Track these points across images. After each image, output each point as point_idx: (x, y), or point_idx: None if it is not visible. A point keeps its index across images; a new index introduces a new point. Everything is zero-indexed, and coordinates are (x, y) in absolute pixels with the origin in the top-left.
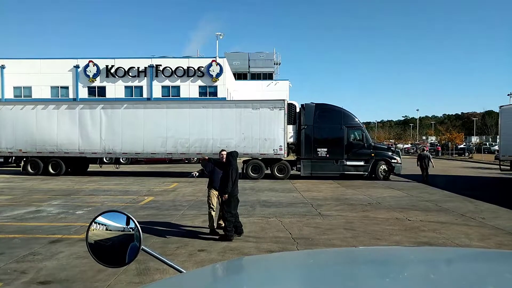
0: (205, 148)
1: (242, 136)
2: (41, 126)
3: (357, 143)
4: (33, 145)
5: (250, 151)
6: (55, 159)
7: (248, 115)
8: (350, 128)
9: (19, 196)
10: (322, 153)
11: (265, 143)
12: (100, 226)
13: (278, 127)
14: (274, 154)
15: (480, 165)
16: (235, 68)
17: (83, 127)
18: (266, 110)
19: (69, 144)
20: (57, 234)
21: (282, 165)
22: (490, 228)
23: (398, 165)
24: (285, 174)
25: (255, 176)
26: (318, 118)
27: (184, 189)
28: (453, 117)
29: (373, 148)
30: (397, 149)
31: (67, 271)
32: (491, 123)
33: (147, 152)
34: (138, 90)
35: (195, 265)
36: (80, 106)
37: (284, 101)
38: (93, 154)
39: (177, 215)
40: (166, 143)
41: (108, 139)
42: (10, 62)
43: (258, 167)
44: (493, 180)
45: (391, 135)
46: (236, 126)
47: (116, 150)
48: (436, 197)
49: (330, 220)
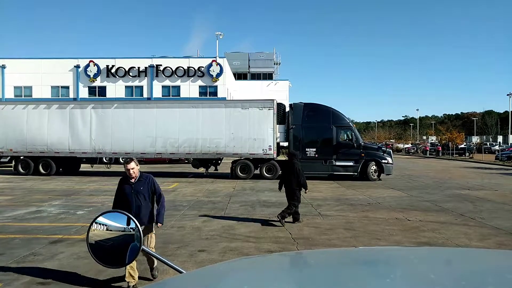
0: (195, 148)
1: (232, 136)
2: (32, 125)
3: (346, 143)
4: (23, 144)
5: (239, 151)
6: (45, 159)
7: (237, 115)
8: (340, 128)
9: (20, 196)
10: (311, 153)
11: (255, 143)
12: (101, 226)
13: (267, 127)
14: (263, 154)
15: (481, 165)
16: (235, 68)
17: (74, 127)
18: (255, 110)
19: (59, 144)
20: (57, 235)
21: (270, 165)
22: (490, 228)
23: (389, 165)
24: (273, 174)
25: (243, 176)
26: (306, 117)
27: (184, 189)
28: (453, 117)
29: (363, 148)
30: (388, 149)
31: (67, 271)
32: (491, 123)
33: (137, 152)
34: (139, 90)
35: (195, 266)
36: (71, 106)
37: (273, 101)
38: (83, 154)
39: (177, 215)
40: (155, 143)
41: (98, 139)
42: (11, 62)
43: (247, 167)
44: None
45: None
46: (226, 126)
47: (106, 150)
48: (436, 197)
49: (330, 220)
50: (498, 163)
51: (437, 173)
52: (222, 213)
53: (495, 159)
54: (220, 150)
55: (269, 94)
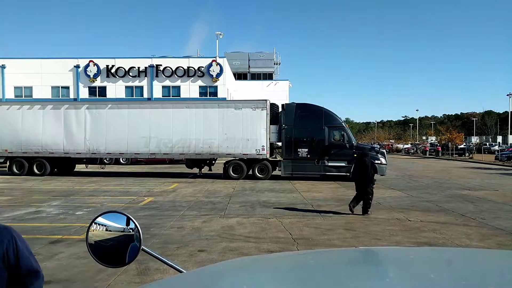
0: (188, 148)
1: (225, 136)
2: (26, 126)
3: (338, 144)
4: (18, 145)
5: (232, 151)
6: (40, 159)
7: (230, 115)
8: (332, 128)
9: (19, 197)
10: (303, 154)
11: (248, 143)
12: (100, 227)
13: (260, 127)
14: (256, 154)
15: (481, 165)
16: (235, 68)
17: (68, 127)
18: (249, 110)
19: (54, 144)
20: (57, 235)
21: (263, 165)
22: (490, 228)
23: (382, 166)
24: (265, 175)
25: (235, 177)
26: (298, 118)
27: (184, 190)
28: (453, 117)
29: (355, 148)
30: (381, 149)
31: (67, 271)
32: (490, 123)
33: (131, 152)
34: (139, 90)
35: (195, 265)
36: (65, 106)
37: (266, 101)
38: (77, 154)
39: (177, 216)
40: (149, 143)
41: (93, 140)
42: (11, 62)
43: (239, 167)
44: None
45: (391, 135)
46: (219, 126)
47: (100, 150)
48: (436, 198)
49: (330, 221)
50: (498, 163)
51: (437, 173)
52: (222, 214)
53: (494, 159)
54: (214, 151)
55: (269, 94)
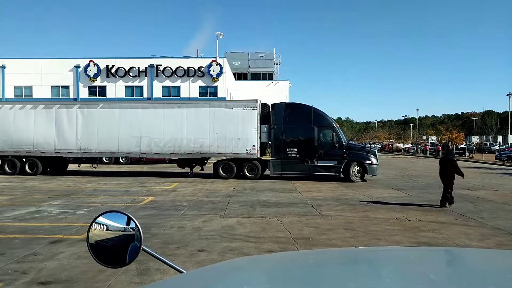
0: (179, 147)
1: (216, 135)
2: (18, 125)
3: (328, 143)
4: (10, 144)
5: (223, 150)
6: (31, 158)
7: (221, 115)
8: (321, 128)
9: (19, 196)
10: (292, 153)
11: (238, 143)
12: (101, 227)
13: (251, 127)
14: (247, 153)
15: (481, 165)
16: (235, 68)
17: (60, 126)
18: (239, 110)
19: (45, 143)
20: (57, 235)
21: (252, 165)
22: (490, 228)
23: (372, 166)
24: (255, 174)
25: (225, 176)
26: (288, 117)
27: (184, 189)
28: (453, 117)
29: (346, 148)
30: (373, 149)
31: (67, 271)
32: (491, 123)
33: (122, 151)
34: (139, 90)
35: (196, 265)
36: (57, 106)
37: (257, 101)
38: (68, 154)
39: (177, 215)
40: (140, 143)
41: (84, 139)
42: (11, 62)
43: (229, 167)
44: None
45: (391, 134)
46: (210, 126)
47: (91, 149)
48: (436, 197)
49: (330, 220)
50: (498, 163)
51: (437, 173)
52: (222, 213)
53: (495, 159)
54: (204, 150)
55: (269, 94)
